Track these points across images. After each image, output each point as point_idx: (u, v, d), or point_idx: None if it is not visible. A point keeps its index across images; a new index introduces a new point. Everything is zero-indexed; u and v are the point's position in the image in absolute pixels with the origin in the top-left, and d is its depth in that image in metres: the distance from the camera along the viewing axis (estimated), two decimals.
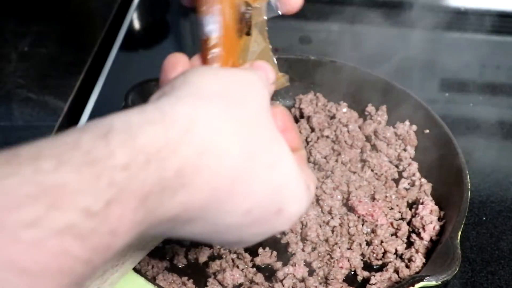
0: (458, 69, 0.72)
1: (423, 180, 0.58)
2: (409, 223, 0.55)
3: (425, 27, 0.71)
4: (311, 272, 0.53)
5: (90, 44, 0.79)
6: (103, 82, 0.74)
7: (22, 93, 0.72)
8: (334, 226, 0.55)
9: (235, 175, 0.31)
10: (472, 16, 0.78)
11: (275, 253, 0.54)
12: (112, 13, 0.84)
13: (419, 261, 0.51)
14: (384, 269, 0.52)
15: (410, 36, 0.73)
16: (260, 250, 0.54)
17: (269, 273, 0.53)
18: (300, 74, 0.66)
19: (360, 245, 0.54)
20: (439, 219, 0.54)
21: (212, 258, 0.54)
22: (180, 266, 0.54)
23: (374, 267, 0.53)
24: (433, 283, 0.46)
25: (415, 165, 0.59)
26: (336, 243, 0.54)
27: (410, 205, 0.57)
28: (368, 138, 0.62)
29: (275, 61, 0.41)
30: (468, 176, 0.54)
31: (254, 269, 0.53)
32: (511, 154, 0.66)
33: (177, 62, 0.37)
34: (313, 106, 0.65)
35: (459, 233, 0.50)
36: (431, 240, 0.53)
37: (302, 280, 0.52)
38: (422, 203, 0.55)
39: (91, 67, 0.76)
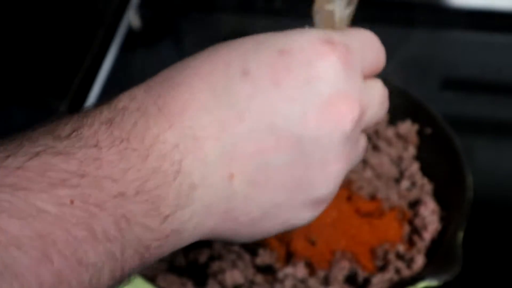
0: (460, 68, 0.72)
1: (424, 180, 0.58)
2: (410, 223, 0.55)
3: (425, 25, 0.70)
4: (312, 273, 0.52)
5: (89, 43, 0.78)
6: (102, 82, 0.74)
7: (20, 93, 0.72)
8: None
9: None
10: (473, 14, 0.78)
11: (275, 253, 0.54)
12: (111, 13, 0.83)
13: (420, 261, 0.51)
14: (385, 269, 0.52)
15: (411, 34, 0.73)
16: (260, 250, 0.54)
17: (269, 273, 0.53)
18: None
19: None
20: (441, 219, 0.54)
21: (212, 258, 0.54)
22: (179, 267, 0.54)
23: (375, 267, 0.53)
24: (435, 283, 0.46)
25: (416, 165, 0.59)
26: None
27: (411, 205, 0.56)
28: (369, 138, 0.62)
29: None
30: (470, 176, 0.53)
31: (254, 269, 0.53)
32: None
33: None
34: None
35: (461, 234, 0.50)
36: (432, 240, 0.53)
37: (303, 280, 0.52)
38: (423, 203, 0.55)
39: (91, 67, 0.76)
